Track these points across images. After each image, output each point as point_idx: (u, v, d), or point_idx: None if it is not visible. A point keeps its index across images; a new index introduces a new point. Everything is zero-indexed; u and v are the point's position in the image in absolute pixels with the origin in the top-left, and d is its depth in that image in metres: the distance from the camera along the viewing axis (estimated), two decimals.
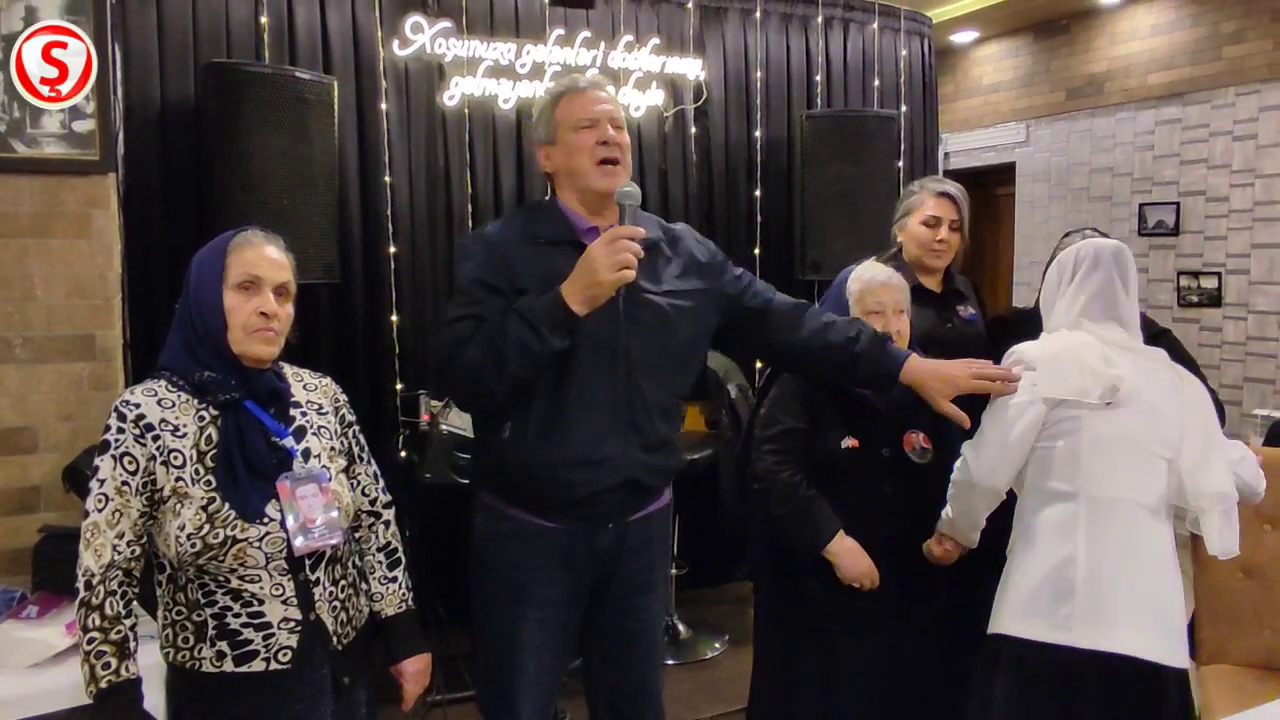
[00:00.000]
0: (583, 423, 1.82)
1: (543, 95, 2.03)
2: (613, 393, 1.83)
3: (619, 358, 1.83)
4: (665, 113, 3.88)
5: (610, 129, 1.88)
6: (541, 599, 1.90)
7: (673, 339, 1.91)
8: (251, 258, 1.64)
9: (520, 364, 1.74)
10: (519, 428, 1.83)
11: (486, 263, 1.86)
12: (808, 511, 2.05)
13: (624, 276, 1.71)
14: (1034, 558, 1.84)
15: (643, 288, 1.84)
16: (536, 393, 1.81)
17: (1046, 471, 1.86)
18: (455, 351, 1.79)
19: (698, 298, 1.95)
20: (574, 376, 1.81)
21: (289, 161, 2.84)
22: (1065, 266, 1.98)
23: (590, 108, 1.89)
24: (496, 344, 1.74)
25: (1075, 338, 1.90)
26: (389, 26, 3.35)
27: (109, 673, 1.48)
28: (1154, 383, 1.88)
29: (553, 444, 1.82)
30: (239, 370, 1.62)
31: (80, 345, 2.38)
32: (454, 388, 1.88)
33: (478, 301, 1.83)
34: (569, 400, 1.82)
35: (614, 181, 1.85)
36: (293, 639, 1.59)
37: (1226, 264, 5.17)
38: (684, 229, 2.06)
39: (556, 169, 1.94)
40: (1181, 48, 5.33)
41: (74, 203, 2.37)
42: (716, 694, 3.19)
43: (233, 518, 1.54)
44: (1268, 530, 2.38)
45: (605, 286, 1.71)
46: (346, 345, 3.37)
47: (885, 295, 2.15)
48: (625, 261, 1.70)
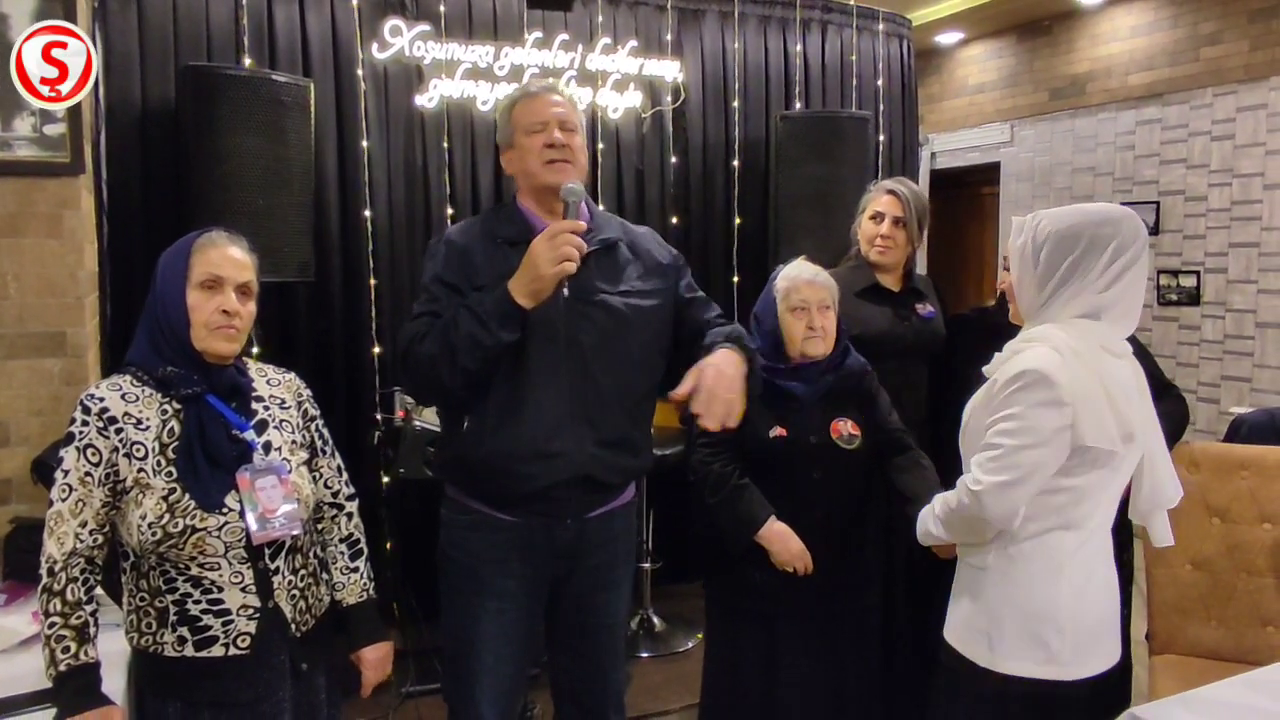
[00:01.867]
0: (537, 417, 1.87)
1: (501, 100, 2.08)
2: (567, 388, 1.88)
3: (573, 354, 1.87)
4: (643, 114, 3.92)
5: (558, 132, 1.92)
6: (499, 590, 1.94)
7: (631, 337, 1.94)
8: (215, 258, 1.69)
9: (471, 357, 1.78)
10: (477, 421, 1.88)
11: (447, 262, 1.92)
12: (740, 499, 2.14)
13: (564, 269, 1.75)
14: (1022, 592, 1.71)
15: (597, 288, 1.89)
16: (494, 387, 1.86)
17: (1045, 503, 1.69)
18: (411, 347, 1.85)
19: (657, 297, 1.99)
20: (529, 372, 1.86)
21: (265, 162, 2.87)
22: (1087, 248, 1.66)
23: (542, 111, 1.94)
24: (449, 338, 1.79)
25: (1093, 359, 1.65)
26: (368, 29, 3.40)
27: (68, 656, 1.53)
28: (1141, 395, 1.75)
29: (508, 437, 1.86)
30: (201, 366, 1.67)
31: (51, 342, 2.43)
32: (412, 381, 1.93)
33: (436, 299, 1.89)
34: (525, 395, 1.87)
35: (562, 177, 1.89)
36: (251, 625, 1.64)
37: (1205, 263, 5.22)
38: (646, 231, 2.11)
39: (515, 171, 2.00)
40: (1161, 49, 5.38)
41: (45, 204, 2.42)
42: (688, 685, 3.23)
43: (192, 508, 1.59)
44: (1216, 523, 2.43)
45: (547, 280, 1.75)
46: (325, 343, 3.42)
47: (809, 293, 2.21)
48: (566, 255, 1.74)
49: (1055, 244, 1.68)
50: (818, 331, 2.18)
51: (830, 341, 2.21)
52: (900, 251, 2.66)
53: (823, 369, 2.21)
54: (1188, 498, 2.44)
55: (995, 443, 1.67)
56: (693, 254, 4.11)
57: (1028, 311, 1.75)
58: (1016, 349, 1.71)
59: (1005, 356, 1.74)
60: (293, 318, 3.35)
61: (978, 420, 1.75)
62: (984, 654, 1.73)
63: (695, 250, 4.11)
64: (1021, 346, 1.70)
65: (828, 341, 2.21)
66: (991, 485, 1.65)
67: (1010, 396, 1.66)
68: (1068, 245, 1.67)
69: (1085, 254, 1.66)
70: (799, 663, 2.13)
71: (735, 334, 1.91)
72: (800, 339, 2.20)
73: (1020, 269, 1.73)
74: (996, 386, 1.70)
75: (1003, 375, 1.69)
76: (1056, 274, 1.68)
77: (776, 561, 2.12)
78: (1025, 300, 1.74)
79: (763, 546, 2.12)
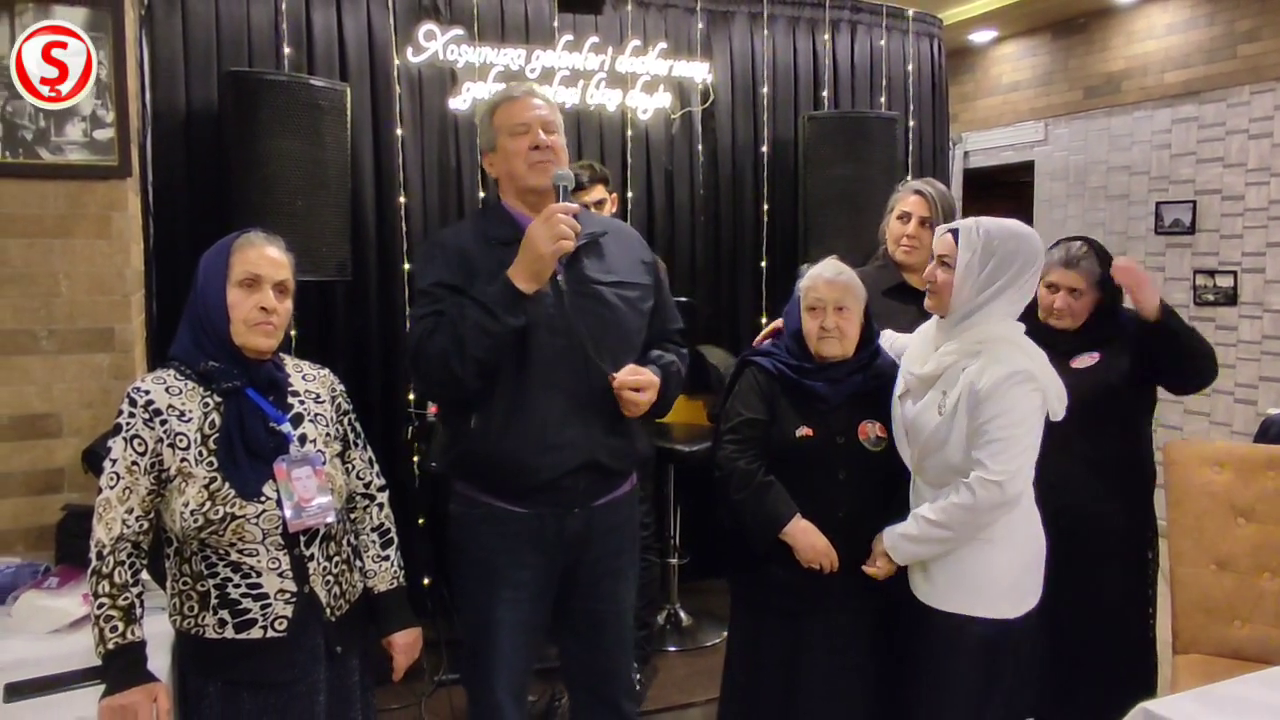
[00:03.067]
0: (545, 408, 1.93)
1: (481, 105, 2.13)
2: (570, 378, 1.93)
3: (573, 344, 1.93)
4: (672, 115, 3.97)
5: (541, 133, 1.97)
6: (514, 581, 2.00)
7: (625, 326, 2.02)
8: (253, 257, 1.77)
9: (480, 346, 1.84)
10: (484, 418, 1.94)
11: (445, 264, 1.97)
12: (765, 497, 2.14)
13: (562, 247, 1.82)
14: (1026, 546, 2.05)
15: (591, 278, 1.96)
16: (499, 383, 1.92)
17: None
18: (421, 344, 1.90)
19: (641, 290, 2.07)
20: (532, 365, 1.92)
21: (303, 165, 2.96)
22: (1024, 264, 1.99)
23: (523, 114, 1.98)
24: (457, 330, 1.85)
25: (1036, 351, 2.03)
26: (403, 34, 3.48)
27: (116, 635, 1.61)
28: None
29: (517, 431, 1.92)
30: (241, 361, 1.75)
31: (100, 338, 2.53)
32: (426, 379, 1.99)
33: (439, 300, 1.94)
34: (530, 389, 1.92)
35: (545, 178, 1.95)
36: (288, 609, 1.72)
37: (1242, 263, 5.14)
38: (628, 228, 2.21)
39: (499, 174, 2.05)
40: (1197, 46, 5.32)
41: (95, 205, 2.51)
42: (713, 680, 3.23)
43: (232, 496, 1.67)
44: (1241, 523, 2.42)
45: (546, 259, 1.82)
46: (362, 341, 3.50)
47: (825, 292, 2.19)
48: (562, 233, 1.81)
49: (1002, 259, 1.98)
50: (831, 331, 2.17)
51: (848, 343, 2.20)
52: (926, 251, 2.66)
53: (850, 369, 2.20)
54: (1212, 497, 2.46)
55: (1000, 436, 1.93)
56: (722, 255, 4.16)
57: (956, 308, 2.02)
58: (982, 352, 1.97)
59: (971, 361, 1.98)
60: (331, 316, 3.44)
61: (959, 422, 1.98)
62: (1007, 608, 2.01)
63: (724, 251, 4.15)
64: (986, 349, 1.97)
65: (844, 343, 2.19)
66: (1011, 472, 1.92)
67: (1005, 394, 1.93)
68: (1009, 260, 1.97)
69: (1023, 269, 1.98)
70: (820, 660, 2.14)
71: (666, 363, 2.08)
72: (815, 338, 2.20)
73: (964, 273, 2.00)
74: (983, 387, 1.93)
75: (988, 378, 1.94)
76: (996, 283, 1.98)
77: (801, 559, 2.12)
78: (960, 299, 2.01)
79: (787, 544, 2.13)
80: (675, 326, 2.19)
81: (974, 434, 1.95)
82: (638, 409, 1.97)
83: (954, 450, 1.99)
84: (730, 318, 4.18)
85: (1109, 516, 2.39)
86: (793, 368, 2.21)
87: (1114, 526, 2.41)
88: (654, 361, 2.06)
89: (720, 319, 4.15)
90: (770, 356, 2.26)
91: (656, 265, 2.17)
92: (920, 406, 2.05)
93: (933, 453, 2.03)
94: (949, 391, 1.99)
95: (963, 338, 2.01)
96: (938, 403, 2.01)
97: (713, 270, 4.14)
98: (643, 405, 1.97)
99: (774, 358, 2.25)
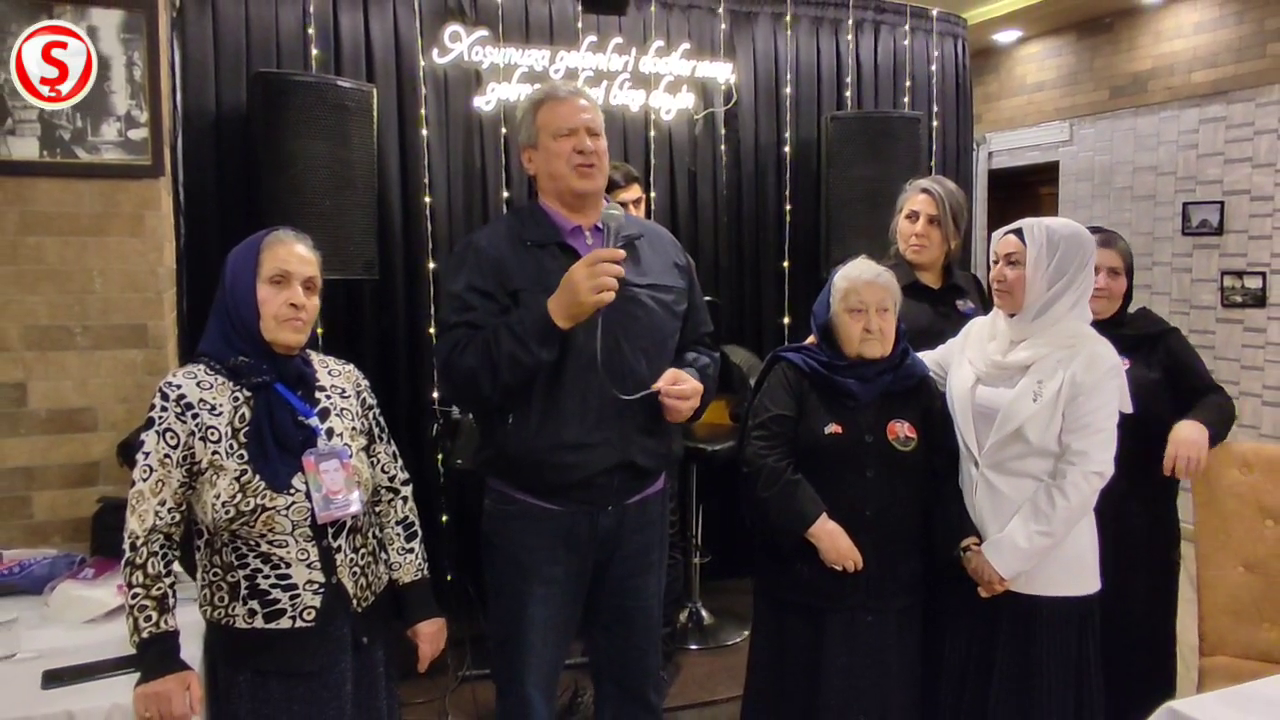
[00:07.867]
0: (579, 409, 1.94)
1: (524, 100, 2.12)
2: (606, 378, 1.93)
3: (608, 345, 1.93)
4: (696, 116, 3.98)
5: (588, 139, 1.98)
6: (547, 577, 2.02)
7: (659, 327, 2.04)
8: (282, 254, 1.80)
9: (512, 374, 1.87)
10: (521, 416, 1.95)
11: (478, 269, 1.97)
12: (792, 495, 2.13)
13: (603, 299, 1.82)
14: (1090, 528, 2.13)
15: (627, 280, 1.95)
16: (536, 383, 1.93)
17: None
18: (452, 358, 1.92)
19: (675, 294, 2.09)
20: (568, 366, 1.93)
21: (330, 165, 2.99)
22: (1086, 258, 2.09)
23: (571, 117, 1.99)
24: (490, 354, 1.87)
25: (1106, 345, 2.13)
26: (429, 36, 3.51)
27: (150, 624, 1.64)
28: None
29: (552, 430, 1.94)
30: (270, 356, 1.77)
31: (134, 334, 2.58)
32: (452, 390, 2.03)
33: (471, 308, 1.95)
34: (566, 388, 1.94)
35: (590, 184, 1.97)
36: (316, 600, 1.74)
37: (1271, 264, 5.08)
38: (665, 231, 2.21)
39: (538, 172, 2.06)
40: (1225, 45, 5.26)
41: (129, 204, 2.57)
42: (735, 677, 3.26)
43: (262, 488, 1.70)
44: (1269, 525, 2.40)
45: (586, 307, 1.83)
46: (388, 338, 3.54)
47: (868, 294, 2.18)
48: (605, 285, 1.81)
49: (1065, 252, 2.06)
50: (875, 334, 2.16)
51: (888, 344, 2.19)
52: (935, 249, 2.67)
53: (881, 368, 2.19)
54: (1240, 499, 2.44)
55: (1102, 426, 2.03)
56: (745, 255, 4.17)
57: (1031, 305, 2.09)
58: (1077, 345, 2.06)
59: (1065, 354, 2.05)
60: (358, 315, 3.48)
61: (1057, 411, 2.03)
62: (1093, 583, 2.13)
63: (747, 251, 4.16)
64: (1081, 343, 2.07)
65: (885, 343, 2.18)
66: (1109, 461, 2.03)
67: (1105, 386, 2.04)
68: (1072, 253, 2.06)
69: (1084, 261, 2.08)
70: (842, 658, 2.13)
71: (702, 365, 2.11)
72: (857, 340, 2.17)
73: (1034, 268, 2.07)
74: (1085, 380, 2.01)
75: (1093, 371, 2.03)
76: (1065, 276, 2.06)
77: (825, 559, 2.11)
78: (1033, 296, 2.08)
79: (812, 543, 2.13)
80: (706, 329, 2.20)
81: (1072, 424, 2.03)
82: (680, 416, 1.99)
83: (1047, 437, 2.04)
84: (753, 318, 4.19)
85: (1132, 516, 2.38)
86: (824, 364, 2.20)
87: (1137, 527, 2.40)
88: (691, 365, 2.08)
89: (742, 319, 4.16)
90: (801, 352, 2.26)
91: (690, 267, 2.17)
92: (1014, 394, 2.07)
93: (1019, 440, 2.05)
94: (1045, 381, 2.04)
95: (1050, 332, 2.08)
96: (1032, 390, 2.04)
97: (735, 270, 4.15)
98: (685, 413, 1.99)
99: (805, 353, 2.25)
